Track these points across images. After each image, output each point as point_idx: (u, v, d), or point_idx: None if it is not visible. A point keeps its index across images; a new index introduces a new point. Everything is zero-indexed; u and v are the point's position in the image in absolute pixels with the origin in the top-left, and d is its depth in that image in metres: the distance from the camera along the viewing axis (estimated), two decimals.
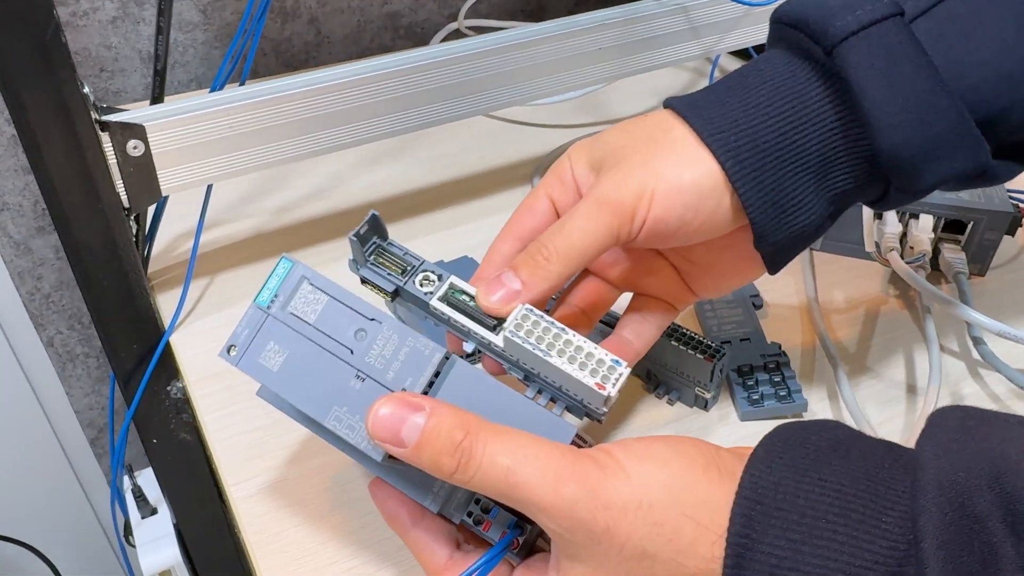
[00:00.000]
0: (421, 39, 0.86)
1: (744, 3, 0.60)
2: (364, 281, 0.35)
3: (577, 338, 0.30)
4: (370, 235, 0.34)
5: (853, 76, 0.31)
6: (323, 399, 0.29)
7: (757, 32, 0.63)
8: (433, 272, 0.33)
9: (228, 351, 0.30)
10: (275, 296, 0.30)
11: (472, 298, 0.32)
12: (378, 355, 0.29)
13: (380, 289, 0.34)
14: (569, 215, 0.32)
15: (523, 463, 0.27)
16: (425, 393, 0.29)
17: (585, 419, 0.33)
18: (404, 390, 0.29)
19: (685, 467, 0.27)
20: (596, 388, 0.29)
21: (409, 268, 0.33)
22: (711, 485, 0.27)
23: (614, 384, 0.29)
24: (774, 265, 0.35)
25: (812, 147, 0.32)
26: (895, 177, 0.32)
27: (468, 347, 0.33)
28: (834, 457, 0.26)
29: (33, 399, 0.87)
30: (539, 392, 0.32)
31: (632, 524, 0.26)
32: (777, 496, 0.26)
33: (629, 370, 0.30)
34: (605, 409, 0.31)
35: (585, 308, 0.36)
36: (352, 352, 0.29)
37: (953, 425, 0.26)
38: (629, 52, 0.57)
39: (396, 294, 0.34)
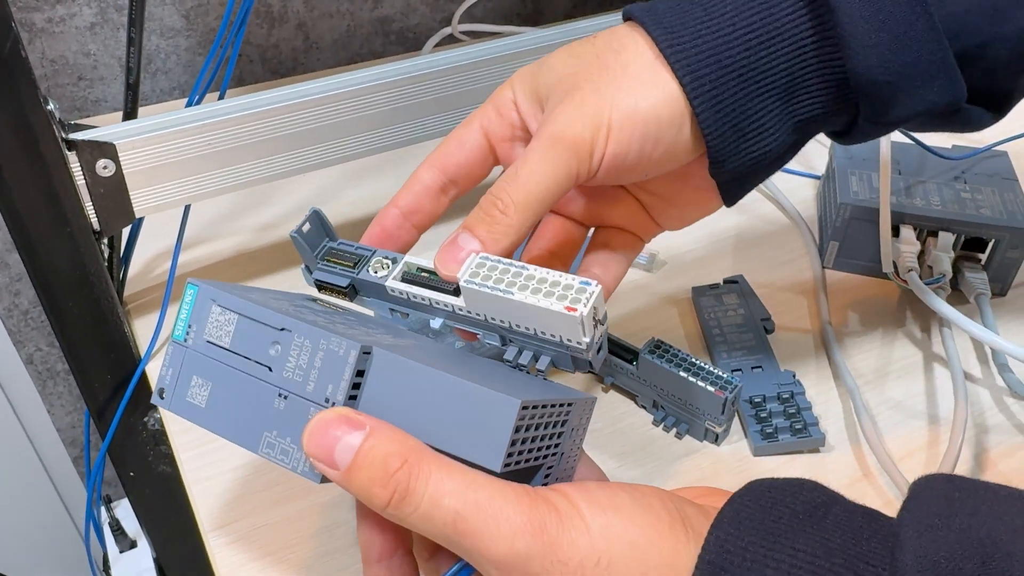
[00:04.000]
0: (413, 44, 0.83)
1: None
2: (320, 286, 0.33)
3: (540, 271, 0.27)
4: (314, 235, 0.32)
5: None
6: (251, 426, 0.26)
7: None
8: (387, 257, 0.31)
9: (160, 395, 0.27)
10: (189, 327, 0.27)
11: (431, 274, 0.30)
12: (295, 367, 0.26)
13: (337, 289, 0.32)
14: (522, 159, 0.29)
15: (474, 509, 0.23)
16: (352, 399, 0.26)
17: (578, 374, 0.30)
18: (327, 400, 0.25)
19: (650, 524, 0.25)
20: (566, 311, 0.26)
21: (361, 259, 0.32)
22: (677, 545, 0.24)
23: (585, 303, 0.26)
24: (730, 196, 0.33)
25: (780, 65, 0.29)
26: (866, 104, 0.30)
27: (435, 323, 0.31)
28: (808, 524, 0.24)
29: (13, 418, 0.84)
30: (520, 352, 0.30)
31: None
32: (744, 563, 0.23)
33: (600, 288, 0.27)
34: (587, 340, 0.27)
35: (554, 250, 0.34)
36: (271, 369, 0.26)
37: (936, 498, 0.24)
38: None
39: (353, 289, 0.32)
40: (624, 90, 0.29)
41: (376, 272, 0.31)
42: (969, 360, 0.48)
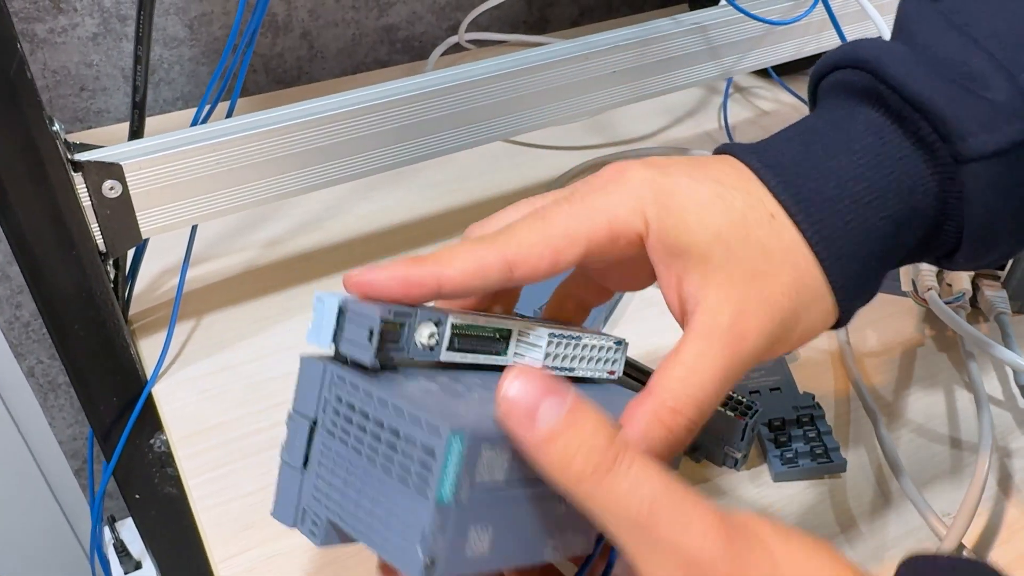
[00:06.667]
0: (419, 53, 0.82)
1: (765, 22, 0.56)
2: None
3: (586, 336, 0.30)
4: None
5: (977, 197, 0.28)
6: (535, 542, 0.25)
7: (778, 52, 0.59)
8: (431, 320, 0.26)
9: (429, 569, 0.23)
10: (458, 483, 0.23)
11: (475, 330, 0.27)
12: None
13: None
14: (695, 365, 0.26)
15: (673, 497, 0.22)
16: None
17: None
18: None
19: (837, 567, 0.23)
20: (608, 375, 0.31)
21: (403, 326, 0.26)
22: None
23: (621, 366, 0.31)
24: None
25: (906, 246, 0.30)
26: (956, 264, 0.31)
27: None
28: None
29: (14, 431, 0.83)
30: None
31: None
32: None
33: (627, 343, 0.31)
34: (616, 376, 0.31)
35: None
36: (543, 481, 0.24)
37: None
38: (645, 74, 0.54)
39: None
40: (804, 306, 0.28)
41: (428, 343, 0.26)
42: (990, 381, 0.47)
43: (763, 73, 0.75)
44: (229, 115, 0.45)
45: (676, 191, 0.27)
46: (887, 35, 0.55)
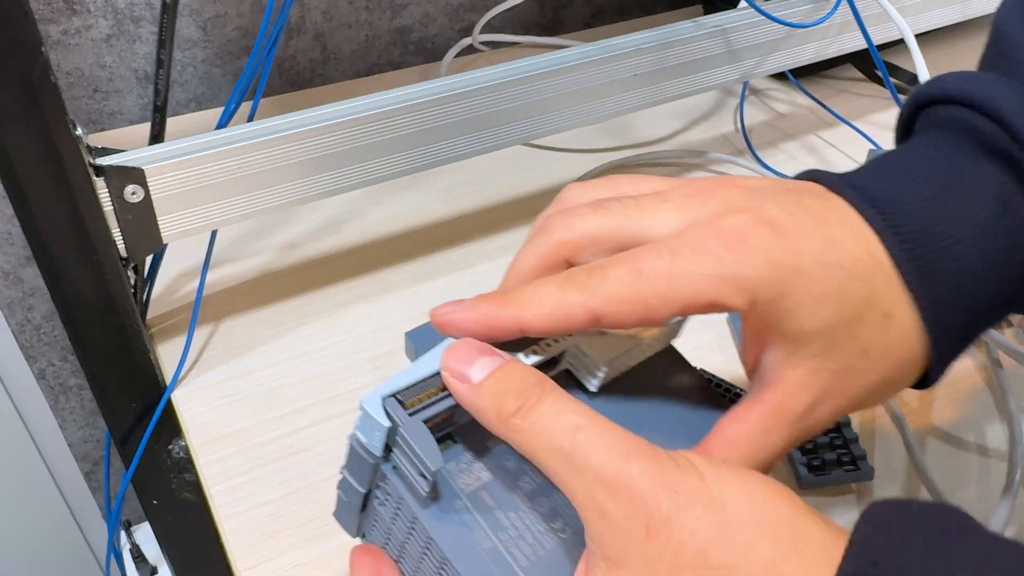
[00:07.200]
0: (432, 55, 0.82)
1: (786, 24, 0.56)
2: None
3: (644, 341, 0.30)
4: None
5: None
6: None
7: (799, 54, 0.59)
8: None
9: None
10: None
11: None
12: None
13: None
14: (761, 441, 0.26)
15: (593, 426, 0.24)
16: None
17: None
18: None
19: (774, 491, 0.23)
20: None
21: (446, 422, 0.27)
22: (805, 518, 0.22)
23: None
24: None
25: (1005, 313, 0.29)
26: None
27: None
28: (967, 535, 0.22)
29: (25, 434, 0.83)
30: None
31: (698, 519, 0.22)
32: (904, 555, 0.21)
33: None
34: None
35: None
36: None
37: None
38: (665, 78, 0.53)
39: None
40: (884, 392, 0.28)
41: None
42: (1018, 386, 0.47)
43: (779, 75, 0.74)
44: (251, 118, 0.44)
45: (799, 277, 0.25)
46: (911, 41, 0.55)
